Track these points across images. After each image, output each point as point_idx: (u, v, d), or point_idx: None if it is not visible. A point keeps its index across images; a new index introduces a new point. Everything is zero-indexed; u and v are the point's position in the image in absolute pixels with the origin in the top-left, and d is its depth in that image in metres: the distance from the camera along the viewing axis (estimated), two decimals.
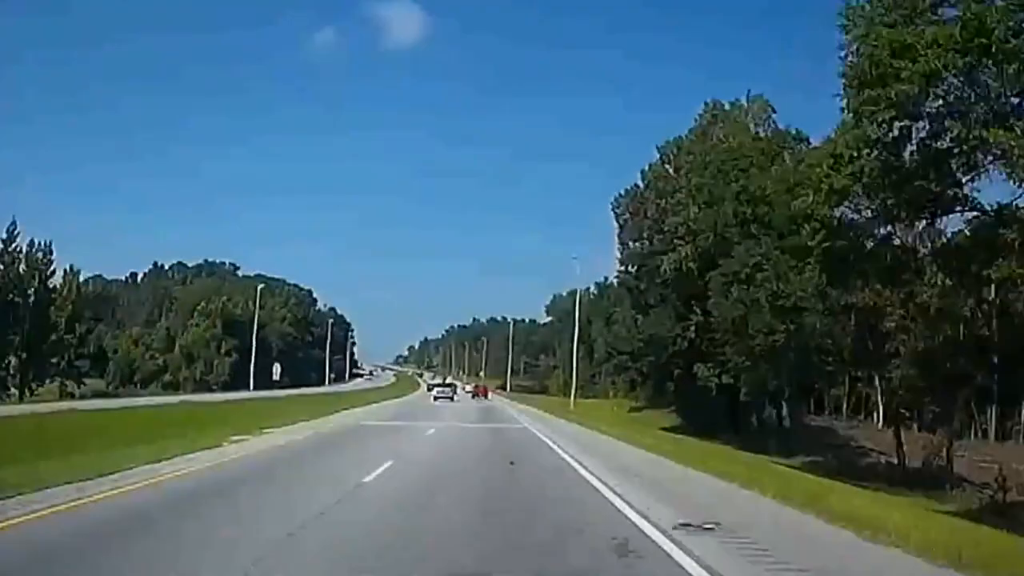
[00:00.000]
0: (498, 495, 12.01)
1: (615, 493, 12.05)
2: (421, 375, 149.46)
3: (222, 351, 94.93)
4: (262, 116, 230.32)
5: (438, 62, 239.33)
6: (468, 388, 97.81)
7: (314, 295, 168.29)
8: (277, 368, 71.72)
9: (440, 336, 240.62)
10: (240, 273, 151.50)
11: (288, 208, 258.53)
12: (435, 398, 67.48)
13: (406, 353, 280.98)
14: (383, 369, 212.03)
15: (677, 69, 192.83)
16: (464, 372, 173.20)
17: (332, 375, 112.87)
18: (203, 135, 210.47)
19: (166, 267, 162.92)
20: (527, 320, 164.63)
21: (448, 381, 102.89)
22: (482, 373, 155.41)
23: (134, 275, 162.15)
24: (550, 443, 23.08)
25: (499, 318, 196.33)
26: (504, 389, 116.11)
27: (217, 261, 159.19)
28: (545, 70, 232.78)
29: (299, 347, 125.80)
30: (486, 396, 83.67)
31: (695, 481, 14.83)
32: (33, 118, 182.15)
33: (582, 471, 15.47)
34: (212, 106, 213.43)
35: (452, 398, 69.54)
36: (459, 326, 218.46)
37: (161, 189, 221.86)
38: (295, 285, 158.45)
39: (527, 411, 49.65)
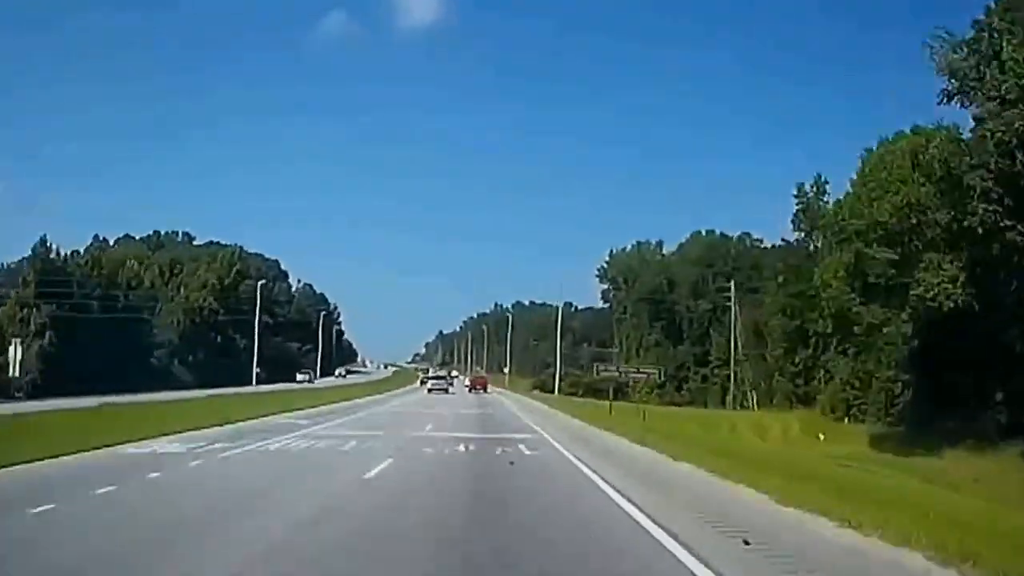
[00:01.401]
0: None
1: None
2: (426, 371, 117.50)
3: (31, 329, 51.15)
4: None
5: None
6: (467, 382, 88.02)
7: (282, 266, 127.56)
8: (15, 354, 29.49)
9: (457, 329, 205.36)
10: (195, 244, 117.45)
11: (286, 188, 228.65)
12: (429, 390, 67.19)
13: (423, 350, 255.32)
14: (387, 366, 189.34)
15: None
16: (484, 368, 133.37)
17: (260, 371, 68.07)
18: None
19: (111, 241, 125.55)
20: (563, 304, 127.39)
21: (444, 373, 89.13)
22: (507, 368, 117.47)
23: (75, 253, 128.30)
24: None
25: (526, 302, 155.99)
26: (547, 390, 75.11)
27: (169, 231, 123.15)
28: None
29: (232, 329, 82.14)
30: (485, 389, 77.03)
31: None
32: None
33: None
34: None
35: (447, 390, 68.56)
36: (479, 315, 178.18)
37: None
38: (258, 254, 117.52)
39: None
